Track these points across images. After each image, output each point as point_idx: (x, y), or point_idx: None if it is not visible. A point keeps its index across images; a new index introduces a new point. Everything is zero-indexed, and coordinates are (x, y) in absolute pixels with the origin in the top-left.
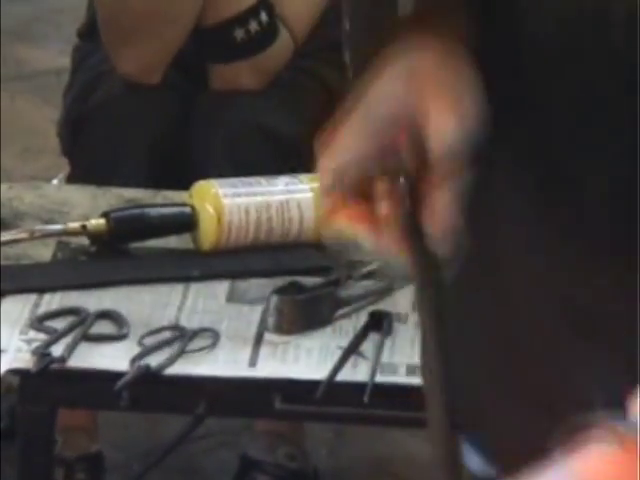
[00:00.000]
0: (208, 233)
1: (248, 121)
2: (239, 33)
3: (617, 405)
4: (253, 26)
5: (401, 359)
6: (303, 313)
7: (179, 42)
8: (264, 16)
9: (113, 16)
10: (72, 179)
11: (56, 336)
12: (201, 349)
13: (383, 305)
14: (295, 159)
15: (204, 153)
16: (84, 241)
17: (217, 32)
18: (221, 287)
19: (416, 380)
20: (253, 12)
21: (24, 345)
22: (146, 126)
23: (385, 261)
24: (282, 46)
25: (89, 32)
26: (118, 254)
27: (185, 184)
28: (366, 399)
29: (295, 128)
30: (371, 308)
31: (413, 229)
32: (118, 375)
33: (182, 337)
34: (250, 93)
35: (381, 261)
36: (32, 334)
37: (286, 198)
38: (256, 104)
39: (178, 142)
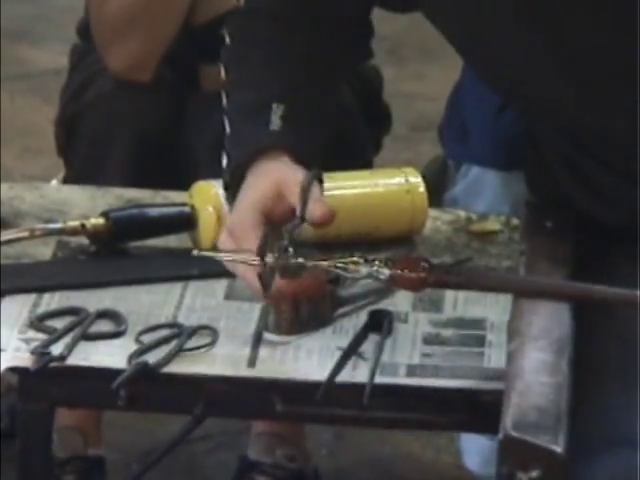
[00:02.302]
0: (207, 232)
1: None
2: None
3: None
4: None
5: (401, 359)
6: (302, 311)
7: (169, 38)
8: None
9: (103, 13)
10: (67, 179)
11: (55, 335)
12: (199, 347)
13: (383, 304)
14: None
15: (195, 153)
16: (84, 240)
17: (206, 31)
18: (219, 285)
19: (416, 381)
20: None
21: (23, 344)
22: (135, 124)
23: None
24: None
25: (87, 31)
26: (118, 253)
27: (175, 183)
28: (365, 400)
29: None
30: (371, 307)
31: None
32: (117, 373)
33: (180, 335)
34: None
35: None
36: (31, 333)
37: None
38: None
39: (169, 141)
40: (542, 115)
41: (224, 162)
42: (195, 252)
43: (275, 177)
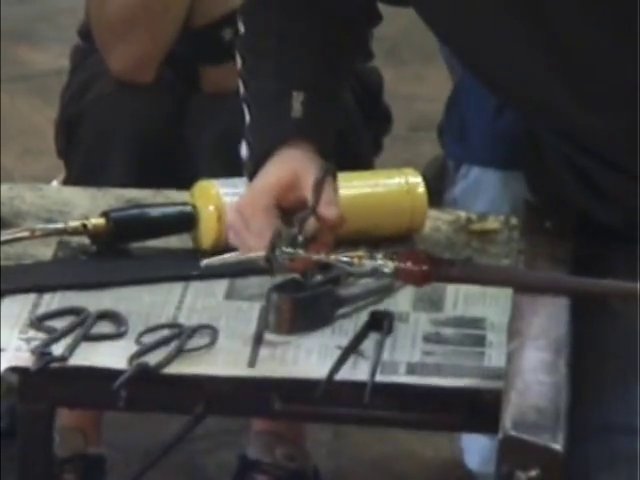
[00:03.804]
0: (208, 232)
1: (239, 122)
2: (227, 33)
3: None
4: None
5: (402, 357)
6: (303, 311)
7: (170, 38)
8: None
9: (103, 14)
10: (67, 180)
11: (56, 335)
12: (199, 347)
13: (384, 304)
14: None
15: (195, 153)
16: (85, 241)
17: (206, 32)
18: (220, 285)
19: (416, 379)
20: None
21: (23, 344)
22: (136, 125)
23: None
24: None
25: (89, 32)
26: (119, 254)
27: (175, 183)
28: (366, 398)
29: None
30: (372, 307)
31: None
32: (117, 374)
33: (180, 335)
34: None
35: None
36: (31, 333)
37: None
38: None
39: (170, 142)
40: (540, 115)
41: (244, 151)
42: (203, 263)
43: (293, 166)
